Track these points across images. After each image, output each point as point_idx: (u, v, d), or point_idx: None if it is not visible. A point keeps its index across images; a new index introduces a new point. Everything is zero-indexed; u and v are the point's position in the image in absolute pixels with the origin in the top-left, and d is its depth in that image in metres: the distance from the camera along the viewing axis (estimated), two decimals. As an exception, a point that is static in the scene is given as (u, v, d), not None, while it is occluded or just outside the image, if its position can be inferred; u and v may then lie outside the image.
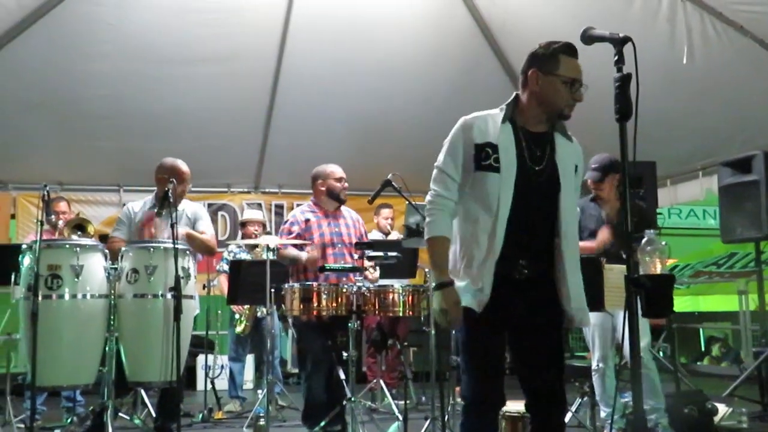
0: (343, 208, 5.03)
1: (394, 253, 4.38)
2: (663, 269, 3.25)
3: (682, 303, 10.32)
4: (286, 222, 4.94)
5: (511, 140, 2.66)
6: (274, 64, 6.99)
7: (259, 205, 8.43)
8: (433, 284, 2.64)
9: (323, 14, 6.58)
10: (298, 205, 7.90)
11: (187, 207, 4.66)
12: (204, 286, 6.11)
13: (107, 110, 7.03)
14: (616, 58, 2.17)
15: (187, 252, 4.23)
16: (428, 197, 2.71)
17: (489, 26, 6.82)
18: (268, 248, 4.41)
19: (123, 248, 4.20)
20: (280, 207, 8.55)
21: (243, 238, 6.67)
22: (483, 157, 2.63)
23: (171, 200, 4.04)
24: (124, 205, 7.65)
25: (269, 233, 7.22)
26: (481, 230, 2.62)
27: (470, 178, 2.66)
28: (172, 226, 3.87)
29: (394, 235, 6.44)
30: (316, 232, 4.77)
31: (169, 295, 3.95)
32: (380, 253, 4.36)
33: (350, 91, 7.23)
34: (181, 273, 3.91)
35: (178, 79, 6.84)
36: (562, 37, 2.72)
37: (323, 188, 4.88)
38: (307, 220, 4.80)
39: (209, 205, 8.16)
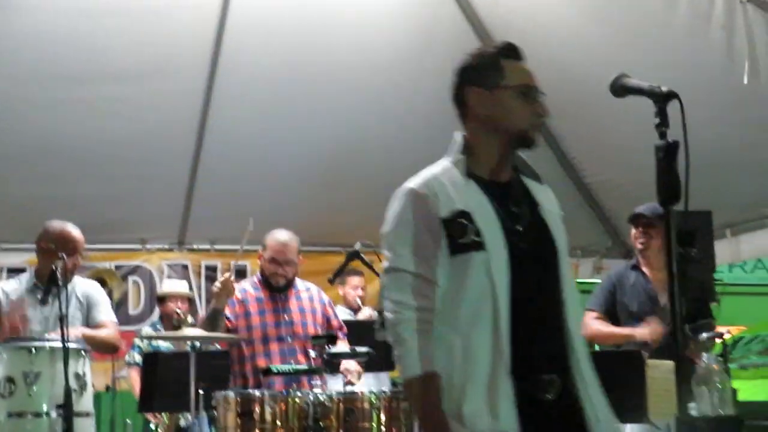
0: (298, 282, 5.00)
1: (364, 349, 4.29)
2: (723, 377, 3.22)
3: (752, 389, 10.28)
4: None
5: (483, 200, 2.55)
6: (204, 80, 6.97)
7: (185, 267, 8.33)
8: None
9: (269, 11, 6.58)
10: (236, 268, 7.89)
11: (78, 286, 4.60)
12: (107, 387, 5.98)
13: (-23, 144, 6.94)
14: (658, 119, 2.14)
15: (82, 353, 4.16)
16: (390, 313, 2.50)
17: (489, 32, 6.85)
18: (193, 347, 4.32)
19: (-7, 349, 4.10)
20: (212, 269, 8.41)
21: (161, 318, 6.57)
22: (458, 233, 2.50)
23: (60, 282, 3.94)
24: (0, 271, 7.63)
25: (195, 313, 7.12)
26: (477, 337, 2.45)
27: (443, 270, 2.51)
28: (61, 319, 3.78)
29: (366, 312, 6.37)
30: (256, 320, 4.74)
31: (55, 414, 3.85)
32: (345, 350, 4.28)
33: (307, 113, 7.22)
34: (73, 383, 3.84)
35: (75, 103, 6.78)
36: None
37: (259, 263, 4.92)
38: (245, 302, 4.75)
39: (117, 268, 8.09)
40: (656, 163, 2.13)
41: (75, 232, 4.60)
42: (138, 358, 6.20)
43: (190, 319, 6.79)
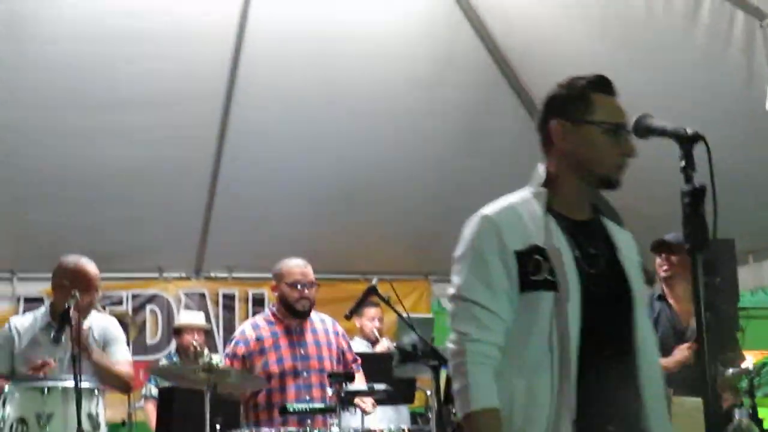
0: (313, 313, 4.93)
1: (382, 386, 4.22)
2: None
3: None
4: (231, 340, 4.87)
5: (561, 238, 2.43)
6: (220, 107, 6.95)
7: (202, 296, 8.27)
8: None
9: (285, 36, 6.55)
10: (255, 297, 7.81)
11: (95, 323, 4.52)
12: (123, 421, 5.91)
13: (-4, 172, 6.94)
14: (684, 162, 2.06)
15: (95, 393, 4.10)
16: (454, 344, 2.41)
17: (505, 57, 6.80)
18: (208, 387, 4.24)
19: (5, 388, 4.07)
20: (229, 298, 8.35)
21: (178, 350, 6.51)
22: (532, 270, 2.38)
23: (72, 321, 3.89)
24: (18, 299, 7.60)
25: (212, 343, 7.07)
26: (542, 380, 2.33)
27: (512, 305, 2.40)
28: (74, 359, 3.72)
29: (384, 344, 6.28)
30: (272, 356, 4.67)
31: (69, 456, 3.79)
32: (362, 388, 4.20)
33: (324, 140, 7.20)
34: (86, 424, 3.79)
35: (91, 131, 6.77)
36: (614, 79, 2.58)
37: (276, 294, 4.84)
38: (260, 339, 4.69)
39: (134, 297, 8.05)
40: (682, 208, 2.05)
41: (89, 267, 4.51)
42: (154, 390, 6.14)
43: (206, 351, 6.76)
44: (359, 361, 5.04)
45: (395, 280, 7.20)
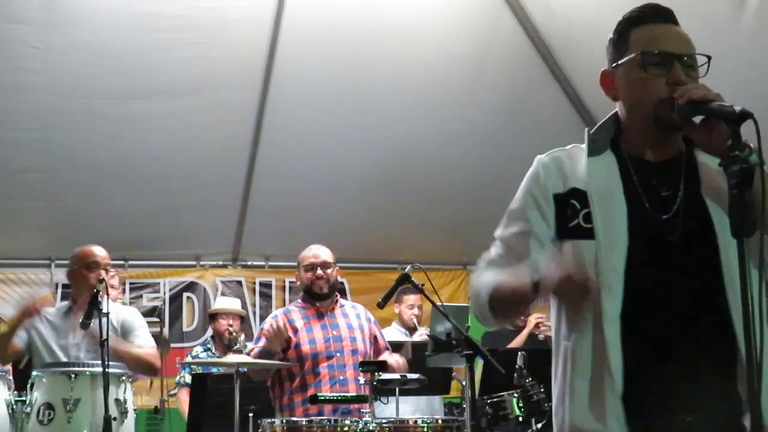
0: (344, 302, 4.96)
1: (415, 376, 4.12)
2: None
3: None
4: (263, 326, 4.85)
5: (612, 179, 2.15)
6: (257, 94, 6.91)
7: (239, 283, 8.26)
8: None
9: (322, 23, 6.52)
10: (291, 285, 7.78)
11: (115, 312, 4.46)
12: (156, 408, 5.87)
13: (34, 160, 6.97)
14: (730, 142, 1.90)
15: (122, 378, 4.06)
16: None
17: (547, 44, 6.67)
18: (237, 372, 4.17)
19: (33, 373, 4.07)
20: (266, 286, 8.35)
21: (213, 336, 6.46)
22: (569, 214, 2.14)
23: (101, 306, 3.86)
24: (56, 285, 7.62)
25: (248, 330, 7.02)
26: (579, 342, 2.08)
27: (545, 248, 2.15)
28: (101, 345, 3.68)
29: (423, 332, 6.17)
30: (305, 338, 4.63)
31: (96, 442, 3.77)
32: (396, 376, 4.10)
33: (361, 127, 7.17)
34: (113, 410, 3.76)
35: (128, 119, 6.77)
36: None
37: (298, 283, 4.90)
38: (292, 322, 4.68)
39: (171, 285, 8.08)
40: (728, 189, 1.89)
41: (97, 249, 4.66)
42: (188, 378, 6.10)
43: (242, 336, 6.71)
44: (390, 350, 4.97)
45: (433, 269, 7.15)
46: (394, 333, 6.46)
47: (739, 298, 1.86)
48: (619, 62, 2.18)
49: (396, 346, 5.09)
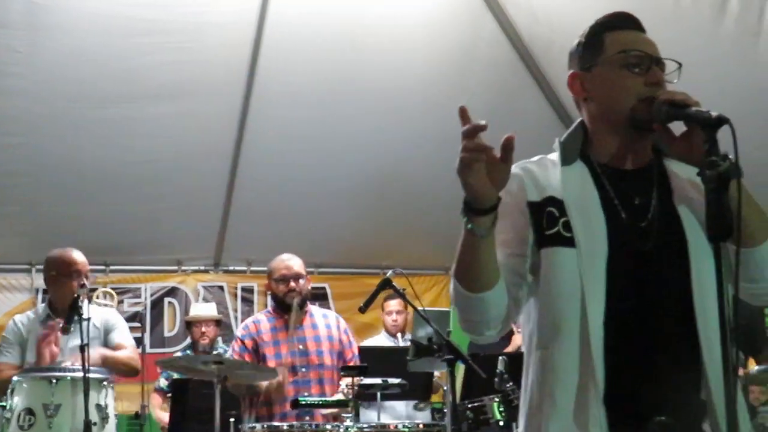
0: (314, 309, 4.90)
1: (396, 380, 4.13)
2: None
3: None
4: (237, 334, 4.85)
5: (587, 188, 2.15)
6: (240, 100, 6.91)
7: (221, 288, 8.25)
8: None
9: (306, 29, 6.51)
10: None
11: (95, 314, 4.46)
12: (136, 414, 5.84)
13: (14, 164, 6.92)
14: (707, 147, 1.92)
15: (104, 384, 4.05)
16: None
17: (530, 50, 6.70)
18: (218, 378, 4.17)
19: (14, 378, 4.04)
20: (248, 291, 8.35)
21: (192, 343, 6.45)
22: (546, 223, 2.13)
23: (81, 311, 3.85)
24: (36, 291, 7.58)
25: (227, 334, 7.01)
26: (561, 354, 2.06)
27: (533, 265, 2.13)
28: (82, 349, 3.67)
29: (406, 340, 6.18)
30: (271, 351, 4.61)
31: (77, 447, 3.75)
32: (377, 381, 4.11)
33: (343, 134, 7.16)
34: (94, 415, 3.74)
35: (110, 123, 6.75)
36: None
37: (269, 293, 4.91)
38: (259, 334, 4.67)
39: (152, 290, 8.05)
40: (705, 194, 1.91)
41: (75, 254, 4.61)
42: (163, 383, 6.12)
43: (219, 341, 6.72)
44: (356, 360, 4.87)
45: (416, 274, 7.17)
46: (383, 341, 6.49)
47: (707, 307, 1.96)
48: (596, 62, 2.19)
49: (383, 352, 5.07)
